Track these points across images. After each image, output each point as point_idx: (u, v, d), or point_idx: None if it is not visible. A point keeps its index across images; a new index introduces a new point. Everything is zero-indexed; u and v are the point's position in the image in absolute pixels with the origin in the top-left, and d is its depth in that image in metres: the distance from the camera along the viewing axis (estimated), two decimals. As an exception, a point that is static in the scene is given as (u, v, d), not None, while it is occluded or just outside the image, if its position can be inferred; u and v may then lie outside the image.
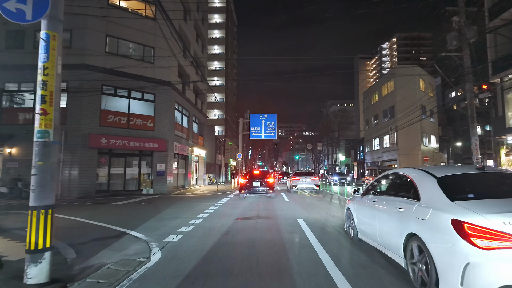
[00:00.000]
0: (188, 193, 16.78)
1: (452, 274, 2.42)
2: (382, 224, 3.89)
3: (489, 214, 2.38)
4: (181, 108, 19.42)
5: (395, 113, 29.13)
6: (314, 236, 5.52)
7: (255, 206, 10.50)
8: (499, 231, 2.27)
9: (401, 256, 3.32)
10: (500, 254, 2.22)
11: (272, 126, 28.30)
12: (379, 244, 4.02)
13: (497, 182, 3.33)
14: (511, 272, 2.16)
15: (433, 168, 3.59)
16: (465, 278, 2.31)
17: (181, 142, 18.97)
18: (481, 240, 2.29)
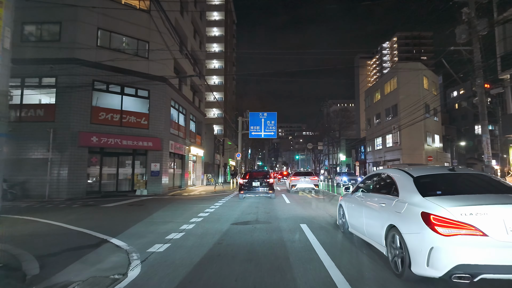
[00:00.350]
0: (185, 194, 16.05)
1: (420, 257, 2.89)
2: (368, 217, 4.37)
3: (450, 207, 2.83)
4: (177, 106, 18.69)
5: (398, 111, 28.43)
6: (321, 246, 4.78)
7: (254, 208, 9.77)
8: (457, 221, 2.75)
9: (383, 245, 3.78)
10: (457, 239, 2.70)
11: (272, 125, 27.59)
12: (366, 236, 4.49)
13: (463, 181, 3.80)
14: (464, 254, 2.64)
15: (412, 169, 4.03)
16: (430, 259, 2.79)
17: (177, 141, 18.24)
18: (443, 229, 2.77)
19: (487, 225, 2.72)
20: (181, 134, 19.19)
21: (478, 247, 2.67)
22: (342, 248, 4.78)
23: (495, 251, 2.65)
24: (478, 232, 2.71)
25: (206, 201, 12.44)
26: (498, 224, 2.71)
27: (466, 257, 2.66)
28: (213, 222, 7.20)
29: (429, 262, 2.83)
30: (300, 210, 9.19)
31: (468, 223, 2.75)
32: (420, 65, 28.92)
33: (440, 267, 2.75)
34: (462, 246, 2.69)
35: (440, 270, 2.75)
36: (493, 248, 2.65)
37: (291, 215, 8.13)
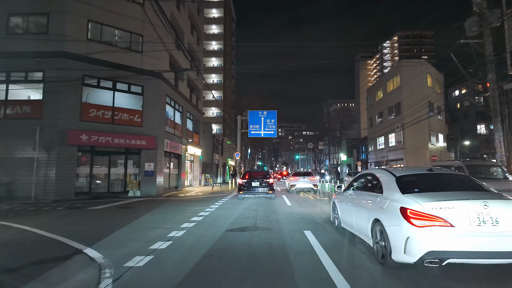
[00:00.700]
0: (180, 195, 15.31)
1: (399, 246, 3.32)
2: (357, 213, 4.76)
3: (424, 203, 3.30)
4: (173, 103, 17.93)
5: (401, 110, 27.69)
6: (333, 262, 4.03)
7: (252, 212, 9.02)
8: (429, 214, 3.21)
9: (369, 237, 4.17)
10: (428, 230, 3.15)
11: (272, 124, 26.88)
12: (356, 230, 4.87)
13: (438, 180, 4.19)
14: (434, 242, 3.09)
15: (395, 169, 4.45)
16: (406, 248, 3.24)
17: (173, 140, 17.49)
18: (417, 221, 3.23)
19: (454, 217, 3.14)
20: (177, 133, 18.44)
21: (445, 236, 3.07)
22: (348, 256, 4.04)
23: (459, 239, 3.05)
24: (446, 224, 3.13)
25: (202, 203, 11.69)
26: (463, 216, 3.13)
27: (436, 245, 3.07)
28: (207, 227, 6.46)
29: (405, 250, 3.23)
30: (303, 214, 8.44)
31: (438, 216, 3.16)
32: (423, 62, 28.19)
33: (414, 254, 3.16)
34: (433, 235, 3.10)
35: (414, 257, 3.16)
36: (458, 237, 3.06)
37: (293, 220, 7.38)
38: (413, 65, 27.96)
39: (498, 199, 3.36)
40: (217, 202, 11.92)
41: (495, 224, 3.12)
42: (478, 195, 3.57)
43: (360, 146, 41.99)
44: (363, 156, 40.32)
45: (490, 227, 3.11)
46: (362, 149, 41.05)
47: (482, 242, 3.05)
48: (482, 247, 3.04)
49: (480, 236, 3.07)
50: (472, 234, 3.07)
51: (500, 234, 3.08)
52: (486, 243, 3.06)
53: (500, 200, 3.33)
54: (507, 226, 3.11)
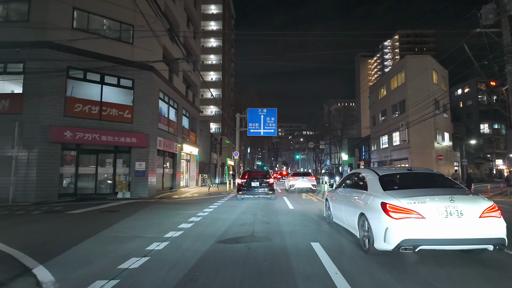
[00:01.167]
0: (174, 197, 14.31)
1: (380, 236, 3.80)
2: (346, 208, 5.37)
3: (401, 198, 3.80)
4: (167, 99, 16.91)
5: (406, 107, 26.68)
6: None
7: (250, 216, 8.01)
8: (405, 208, 3.69)
9: (356, 229, 4.74)
10: (404, 221, 3.63)
11: (272, 122, 25.89)
12: (345, 224, 5.49)
13: (416, 178, 4.72)
14: (408, 232, 3.57)
15: (379, 169, 5.09)
16: (385, 237, 3.71)
17: (167, 138, 16.47)
18: (395, 214, 3.71)
19: (425, 210, 3.66)
20: (171, 130, 17.41)
21: (418, 227, 3.60)
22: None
23: (430, 229, 3.58)
24: (419, 216, 3.65)
25: (196, 205, 10.68)
26: (433, 209, 3.66)
27: (410, 234, 3.59)
28: (195, 238, 5.44)
29: (385, 239, 3.73)
30: (308, 219, 7.42)
31: (412, 209, 3.69)
32: (429, 58, 27.19)
33: (392, 242, 3.66)
34: (407, 226, 3.62)
35: (392, 244, 3.66)
36: (429, 227, 3.59)
37: (297, 227, 6.36)
38: (419, 63, 26.96)
39: (463, 194, 3.88)
40: (212, 204, 10.92)
41: (460, 216, 3.62)
42: (447, 191, 3.98)
43: (362, 146, 40.98)
44: (365, 156, 39.31)
45: (456, 219, 3.60)
46: (364, 149, 40.03)
47: (449, 231, 3.55)
48: (449, 236, 3.54)
49: (447, 226, 3.57)
50: (440, 224, 3.58)
51: (464, 224, 3.58)
52: (452, 232, 3.55)
53: (464, 195, 3.86)
54: (470, 217, 3.61)
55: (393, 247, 3.65)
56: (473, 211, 3.64)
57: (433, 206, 3.66)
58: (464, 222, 3.59)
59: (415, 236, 3.56)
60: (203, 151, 28.51)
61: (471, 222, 3.59)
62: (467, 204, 3.70)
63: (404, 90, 27.37)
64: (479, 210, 3.66)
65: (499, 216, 3.69)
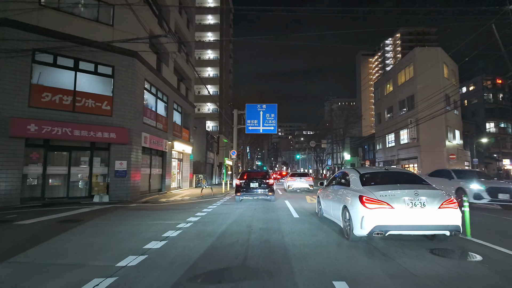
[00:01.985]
0: (162, 200, 12.57)
1: (357, 223, 4.57)
2: (333, 203, 6.07)
3: (375, 192, 4.62)
4: (155, 90, 15.15)
5: (415, 103, 24.96)
6: None
7: (244, 229, 6.26)
8: (378, 200, 4.48)
9: (340, 220, 5.52)
10: (376, 211, 4.41)
11: (271, 119, 24.17)
12: (332, 217, 6.23)
13: (390, 176, 5.58)
14: (379, 219, 4.35)
15: (360, 168, 6.00)
16: (361, 224, 4.47)
17: (154, 134, 14.71)
18: (369, 204, 4.49)
19: (394, 202, 4.45)
20: (160, 126, 15.65)
21: (387, 215, 4.38)
22: None
23: (397, 217, 4.37)
24: (388, 206, 4.43)
25: (181, 212, 8.92)
26: (401, 201, 4.45)
27: (381, 221, 4.37)
28: (163, 266, 3.69)
29: (361, 226, 4.50)
30: (322, 235, 5.66)
31: (383, 201, 4.48)
32: (440, 50, 25.47)
33: (366, 228, 4.42)
34: (379, 214, 4.40)
35: (366, 230, 4.42)
36: (396, 215, 4.38)
37: (308, 250, 4.57)
38: (428, 55, 25.26)
39: (426, 189, 4.71)
40: (202, 210, 9.17)
41: (423, 207, 4.44)
42: (414, 187, 4.74)
43: (366, 145, 39.24)
44: (370, 155, 37.56)
45: (419, 209, 4.43)
46: (369, 148, 38.30)
47: (413, 219, 4.39)
48: (413, 223, 4.39)
49: (412, 215, 4.40)
50: (406, 213, 4.41)
51: (426, 213, 4.40)
52: (416, 219, 4.39)
53: (427, 189, 4.67)
54: (431, 208, 4.43)
55: (367, 233, 4.42)
56: (434, 203, 4.44)
57: (400, 199, 4.47)
58: (426, 212, 4.39)
59: (385, 223, 4.36)
60: (198, 150, 26.76)
61: (432, 212, 4.39)
62: (429, 197, 4.49)
63: (413, 84, 25.65)
64: (439, 202, 4.46)
65: (456, 208, 4.49)
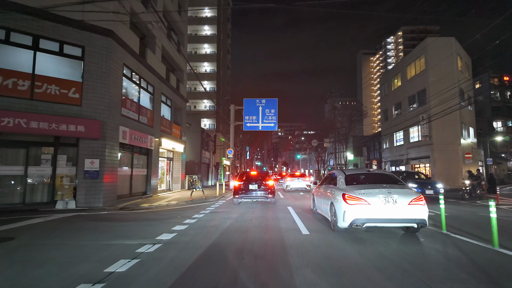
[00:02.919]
0: (143, 206, 10.66)
1: (340, 217, 5.41)
2: (323, 200, 7.10)
3: (355, 190, 5.43)
4: (137, 78, 13.21)
5: (427, 98, 23.02)
6: None
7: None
8: (357, 197, 5.24)
9: (329, 215, 6.40)
10: (356, 206, 5.18)
11: (272, 115, 22.28)
12: (323, 212, 7.19)
13: (370, 177, 6.39)
14: (358, 213, 5.13)
15: (346, 170, 7.04)
16: (344, 217, 5.30)
17: (137, 129, 12.78)
18: (350, 201, 5.26)
19: (371, 199, 5.20)
20: (144, 120, 13.70)
21: (364, 210, 5.17)
22: None
23: (373, 212, 5.14)
24: (366, 203, 5.19)
25: (158, 223, 6.96)
26: (376, 198, 5.20)
27: (359, 215, 5.17)
28: None
29: (343, 219, 5.33)
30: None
31: (362, 197, 5.24)
32: (453, 40, 23.54)
33: (347, 221, 5.25)
34: (357, 209, 5.19)
35: (347, 223, 5.26)
36: (372, 210, 5.14)
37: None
38: (442, 45, 23.31)
39: (399, 188, 5.52)
40: (184, 221, 7.23)
41: (395, 203, 5.18)
42: (388, 186, 5.62)
43: (371, 144, 37.29)
44: (375, 155, 35.61)
45: (392, 205, 5.17)
46: (374, 147, 36.35)
47: (386, 214, 5.13)
48: (386, 216, 5.13)
49: (385, 210, 5.15)
50: (380, 209, 5.15)
51: (397, 209, 5.15)
52: (389, 214, 5.13)
53: (399, 189, 5.47)
54: (402, 204, 5.17)
55: (348, 225, 5.27)
56: (404, 200, 5.23)
57: (376, 196, 5.25)
58: (397, 207, 5.17)
59: (362, 216, 5.18)
60: (192, 149, 24.82)
61: (402, 208, 5.18)
62: (400, 195, 5.27)
63: (425, 78, 23.70)
64: (409, 199, 5.24)
65: (424, 204, 5.27)
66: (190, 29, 39.36)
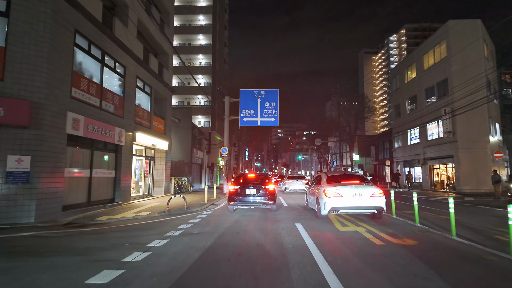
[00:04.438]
0: (99, 220, 7.83)
1: (322, 206, 7.49)
2: (311, 195, 9.27)
3: (333, 187, 7.53)
4: (100, 54, 10.28)
5: (449, 89, 20.14)
6: None
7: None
8: (334, 192, 7.39)
9: (315, 207, 8.40)
10: (333, 198, 7.32)
11: (272, 108, 19.47)
12: (311, 205, 9.28)
13: (346, 177, 8.43)
14: (334, 203, 7.29)
15: (328, 172, 9.91)
16: (324, 207, 7.41)
17: (98, 118, 9.86)
18: (329, 194, 7.39)
19: (343, 193, 7.26)
20: (109, 107, 10.76)
21: (338, 201, 7.20)
22: None
23: (344, 202, 7.18)
24: (339, 196, 7.24)
25: (88, 258, 4.02)
26: (347, 192, 7.25)
27: (334, 204, 7.22)
28: None
29: (324, 208, 7.35)
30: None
31: (337, 192, 7.29)
32: (479, 23, 20.72)
33: (326, 209, 7.29)
34: (334, 200, 7.22)
35: (326, 210, 7.30)
36: (344, 201, 7.18)
37: None
38: (465, 30, 20.46)
39: (364, 185, 7.65)
40: (132, 256, 4.28)
41: (360, 196, 7.20)
42: (357, 183, 7.77)
43: (380, 143, 34.37)
44: (385, 155, 32.67)
45: (358, 197, 7.19)
46: (383, 146, 33.43)
47: (354, 203, 7.18)
48: (354, 205, 7.21)
49: (353, 200, 7.18)
50: (350, 199, 7.19)
51: (362, 199, 7.18)
52: (356, 203, 7.18)
53: (364, 185, 7.60)
54: (365, 196, 7.20)
55: (327, 212, 7.40)
56: (367, 193, 7.26)
57: (346, 191, 7.31)
58: (362, 199, 7.21)
59: (337, 205, 7.26)
60: (181, 147, 21.89)
61: (365, 198, 7.21)
62: (364, 189, 7.32)
63: (446, 66, 20.81)
64: (370, 192, 7.28)
65: (382, 196, 7.28)
66: (184, 19, 36.57)
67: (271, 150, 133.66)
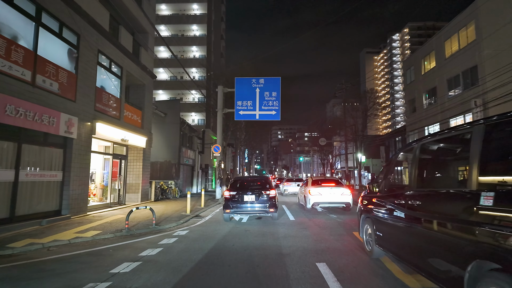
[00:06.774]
0: (11, 247, 4.83)
1: (307, 202, 11.05)
2: (301, 194, 13.02)
3: (315, 188, 11.12)
4: (33, 10, 7.37)
5: (480, 78, 17.26)
6: None
7: None
8: (315, 191, 10.95)
9: (304, 202, 11.76)
10: (315, 196, 10.86)
11: (273, 99, 16.69)
12: (301, 202, 12.80)
13: (325, 180, 11.95)
14: (315, 200, 10.84)
15: (314, 177, 13.75)
16: (309, 202, 10.94)
17: (29, 98, 6.98)
18: (312, 193, 10.90)
19: (322, 192, 10.85)
20: (51, 85, 7.82)
21: (319, 197, 10.79)
22: None
23: (323, 198, 10.79)
24: (320, 194, 10.81)
25: None
26: (325, 192, 10.86)
27: (316, 200, 10.79)
28: None
29: (309, 203, 10.85)
30: None
31: (318, 192, 10.84)
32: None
33: (310, 204, 10.83)
34: (315, 197, 10.78)
35: (310, 205, 10.84)
36: (323, 198, 10.79)
37: None
38: (500, 5, 17.63)
39: (337, 186, 11.13)
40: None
41: (334, 194, 10.74)
42: (332, 185, 11.09)
43: (391, 143, 31.49)
44: (397, 155, 29.70)
45: (333, 195, 10.72)
46: (394, 146, 30.54)
47: (330, 199, 10.71)
48: (330, 200, 10.74)
49: (330, 197, 10.71)
50: (327, 197, 10.71)
51: (335, 197, 10.72)
52: (331, 199, 10.72)
53: (338, 186, 11.10)
54: (337, 194, 10.72)
55: (310, 206, 10.66)
56: (339, 192, 10.67)
57: (325, 190, 10.71)
58: (335, 196, 10.61)
59: (317, 201, 10.59)
60: (167, 146, 18.95)
61: (338, 196, 10.61)
62: (337, 190, 10.74)
63: (475, 51, 17.94)
64: (341, 192, 10.67)
65: (349, 194, 10.68)
66: (176, 8, 33.79)
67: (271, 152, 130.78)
